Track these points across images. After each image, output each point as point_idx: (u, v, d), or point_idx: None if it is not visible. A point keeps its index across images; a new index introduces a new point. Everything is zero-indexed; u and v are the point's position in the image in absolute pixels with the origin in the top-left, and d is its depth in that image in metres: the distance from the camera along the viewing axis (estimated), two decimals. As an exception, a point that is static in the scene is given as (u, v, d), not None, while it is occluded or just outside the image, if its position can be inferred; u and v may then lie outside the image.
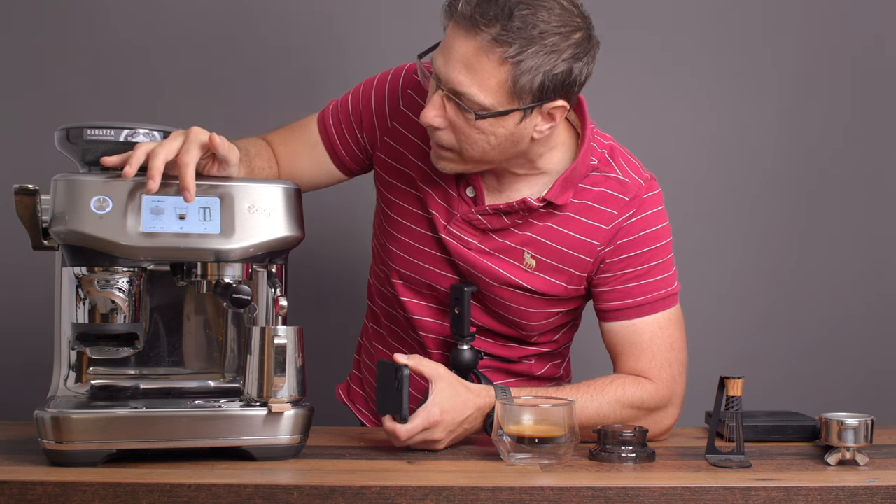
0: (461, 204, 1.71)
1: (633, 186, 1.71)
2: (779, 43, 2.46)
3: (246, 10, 2.41)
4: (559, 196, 1.68)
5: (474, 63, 1.52)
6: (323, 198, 2.29)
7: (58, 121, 1.57)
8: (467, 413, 1.58)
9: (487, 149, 1.60)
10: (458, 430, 1.58)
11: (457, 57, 1.53)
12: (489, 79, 1.52)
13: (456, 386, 1.58)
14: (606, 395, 1.65)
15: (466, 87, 1.53)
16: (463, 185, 1.71)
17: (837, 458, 1.50)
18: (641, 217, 1.71)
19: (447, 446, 1.59)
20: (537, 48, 1.51)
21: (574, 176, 1.68)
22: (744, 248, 2.46)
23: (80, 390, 1.56)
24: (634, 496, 1.34)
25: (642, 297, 1.71)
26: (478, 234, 1.72)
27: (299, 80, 2.40)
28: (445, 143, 1.61)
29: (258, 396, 1.47)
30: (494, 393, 1.60)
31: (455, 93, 1.54)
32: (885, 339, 2.47)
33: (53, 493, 1.31)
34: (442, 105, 1.57)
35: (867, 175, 2.48)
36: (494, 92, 1.53)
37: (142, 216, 1.45)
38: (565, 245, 1.70)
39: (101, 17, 2.39)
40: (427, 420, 1.54)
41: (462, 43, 1.52)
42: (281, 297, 1.52)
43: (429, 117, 1.58)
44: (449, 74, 1.54)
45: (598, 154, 1.72)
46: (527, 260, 1.71)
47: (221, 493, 1.32)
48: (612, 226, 1.69)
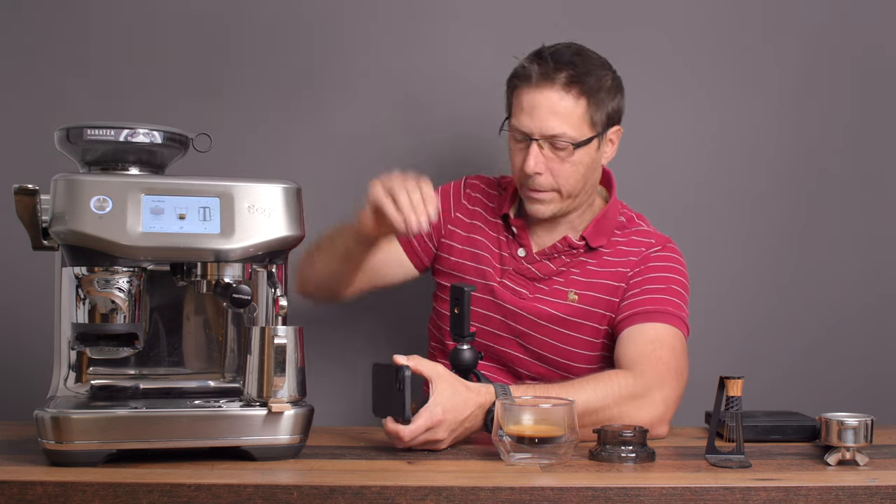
0: (513, 261, 1.96)
1: (659, 237, 1.99)
2: (779, 43, 2.46)
3: (246, 9, 2.40)
4: (594, 238, 1.95)
5: (558, 108, 1.85)
6: (323, 198, 2.29)
7: (58, 121, 1.57)
8: (468, 411, 1.59)
9: (578, 178, 1.89)
10: (460, 429, 1.59)
11: (543, 109, 1.85)
12: (573, 116, 1.85)
13: (456, 385, 1.59)
14: (586, 388, 1.68)
15: (559, 128, 1.84)
16: (515, 247, 1.97)
17: (837, 458, 1.51)
18: (666, 253, 1.95)
19: (449, 445, 1.59)
20: (596, 81, 1.87)
21: (605, 221, 1.96)
22: (744, 248, 2.46)
23: (79, 390, 1.56)
24: (634, 496, 1.34)
25: (653, 306, 1.85)
26: (529, 284, 1.95)
27: (299, 80, 2.40)
28: (546, 186, 1.89)
29: (258, 396, 1.48)
30: (494, 391, 1.61)
31: (549, 137, 1.85)
32: (885, 339, 2.47)
33: (53, 493, 1.31)
34: (539, 154, 1.86)
35: (867, 175, 2.48)
36: (579, 125, 1.86)
37: (142, 216, 1.45)
38: (603, 278, 1.93)
39: (101, 17, 2.39)
40: (430, 420, 1.55)
41: (544, 97, 1.85)
42: (281, 297, 1.52)
43: (530, 166, 1.86)
44: (541, 125, 1.85)
45: (626, 215, 2.01)
46: (570, 297, 1.93)
47: (221, 493, 1.32)
48: (641, 257, 1.94)
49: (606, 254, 1.95)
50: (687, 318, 1.90)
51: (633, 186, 2.33)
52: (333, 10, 2.42)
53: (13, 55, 2.37)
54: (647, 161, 2.45)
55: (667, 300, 1.87)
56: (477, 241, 1.99)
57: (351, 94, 2.41)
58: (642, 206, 2.06)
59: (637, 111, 2.44)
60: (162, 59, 2.39)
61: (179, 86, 2.39)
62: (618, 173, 2.05)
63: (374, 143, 2.40)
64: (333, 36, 2.41)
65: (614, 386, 1.70)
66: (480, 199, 2.04)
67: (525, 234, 1.97)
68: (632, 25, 2.44)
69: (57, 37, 2.37)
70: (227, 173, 1.54)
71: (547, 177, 1.88)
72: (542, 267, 1.95)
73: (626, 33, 2.43)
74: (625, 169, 2.43)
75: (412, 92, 2.40)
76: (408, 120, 2.41)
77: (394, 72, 2.41)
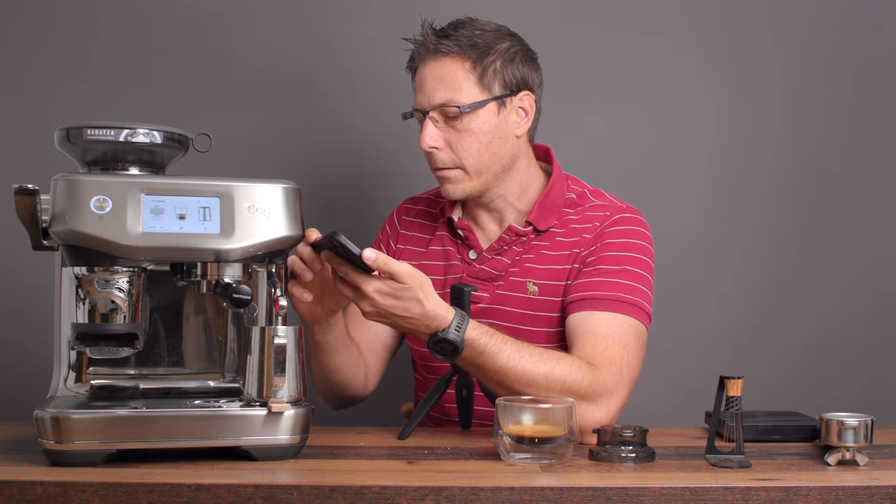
0: (465, 266, 1.89)
1: (615, 207, 1.87)
2: (780, 44, 2.46)
3: (246, 9, 2.41)
4: (541, 220, 1.85)
5: (442, 74, 1.79)
6: (323, 198, 2.30)
7: (58, 121, 1.57)
8: (410, 314, 1.56)
9: (481, 149, 1.80)
10: (392, 319, 1.57)
11: (430, 80, 1.80)
12: (457, 79, 1.78)
13: (424, 289, 1.55)
14: (547, 363, 1.62)
15: (444, 95, 1.78)
16: (465, 251, 1.90)
17: (837, 458, 1.51)
18: (623, 227, 1.83)
19: (368, 314, 1.58)
20: (484, 44, 1.79)
21: (549, 201, 1.87)
22: (744, 248, 2.46)
23: (79, 390, 1.56)
24: (634, 496, 1.34)
25: (606, 292, 1.75)
26: (486, 285, 1.87)
27: (299, 80, 2.40)
28: (448, 162, 1.81)
29: (258, 396, 1.47)
30: (450, 320, 1.57)
31: (438, 106, 1.78)
32: (885, 339, 2.47)
33: (53, 493, 1.31)
34: (433, 128, 1.80)
35: (868, 176, 2.48)
36: (467, 90, 1.78)
37: (142, 216, 1.45)
38: (557, 262, 1.83)
39: (101, 18, 2.39)
40: (406, 279, 1.53)
41: (428, 68, 1.81)
42: (281, 297, 1.52)
43: (425, 141, 1.80)
44: (429, 97, 1.79)
45: (576, 191, 1.90)
46: (529, 288, 1.84)
47: (221, 493, 1.32)
48: (596, 233, 1.83)
49: (559, 234, 1.85)
50: (646, 304, 1.77)
51: (633, 186, 2.33)
52: (334, 10, 2.42)
53: (13, 55, 2.37)
54: (648, 161, 2.45)
55: (620, 284, 1.76)
56: (424, 265, 1.85)
57: (351, 94, 2.41)
58: (642, 206, 2.06)
59: (638, 111, 2.45)
60: (162, 59, 2.39)
61: (179, 86, 2.39)
62: (618, 173, 2.06)
63: (375, 143, 2.40)
64: (334, 36, 2.41)
65: (569, 377, 1.62)
66: (415, 221, 1.99)
67: (472, 235, 1.90)
68: (632, 26, 2.44)
69: (57, 37, 2.38)
70: (227, 173, 1.55)
71: (446, 152, 1.80)
72: (495, 264, 1.87)
73: (627, 33, 2.43)
74: (625, 169, 2.44)
75: (413, 92, 2.40)
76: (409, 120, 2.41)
77: (394, 72, 2.41)
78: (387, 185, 2.41)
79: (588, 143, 2.42)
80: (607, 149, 2.43)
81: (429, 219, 1.99)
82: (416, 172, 2.25)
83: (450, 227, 1.94)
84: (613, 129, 2.45)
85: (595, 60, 2.44)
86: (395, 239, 2.00)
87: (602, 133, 2.43)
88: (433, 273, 1.86)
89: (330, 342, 1.79)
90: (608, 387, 1.66)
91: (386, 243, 2.01)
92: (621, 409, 1.69)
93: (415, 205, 2.03)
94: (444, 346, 1.57)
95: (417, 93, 1.84)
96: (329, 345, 1.79)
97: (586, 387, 1.63)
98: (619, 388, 1.67)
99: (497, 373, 1.61)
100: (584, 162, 1.95)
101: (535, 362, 1.61)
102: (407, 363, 2.07)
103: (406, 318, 1.56)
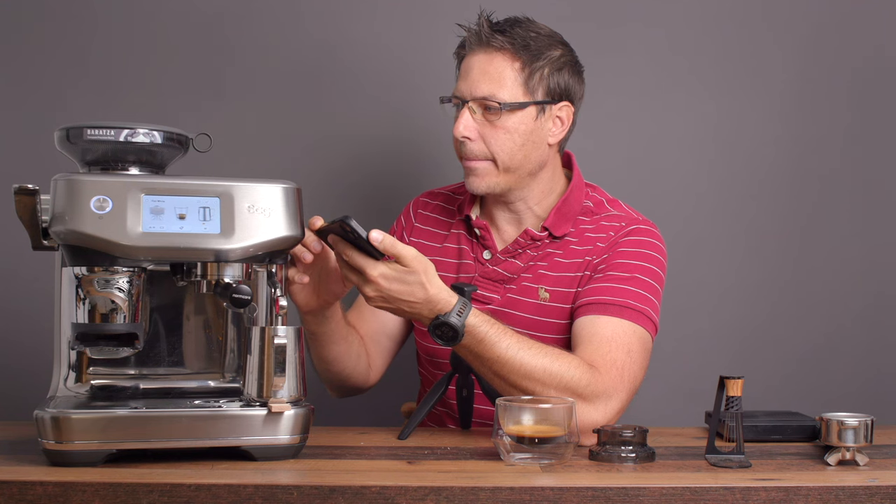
0: (478, 266, 1.89)
1: (631, 219, 1.88)
2: (780, 43, 2.46)
3: (246, 9, 2.41)
4: (557, 226, 1.86)
5: (489, 69, 1.79)
6: (323, 198, 2.30)
7: (58, 121, 1.57)
8: (414, 298, 1.57)
9: (514, 147, 1.80)
10: (395, 304, 1.58)
11: (476, 71, 1.80)
12: (504, 77, 1.78)
13: (426, 274, 1.57)
14: (546, 358, 1.62)
15: (488, 89, 1.78)
16: (480, 250, 1.90)
17: (837, 458, 1.51)
18: (637, 237, 1.84)
19: (371, 300, 1.58)
20: (537, 48, 1.80)
21: (566, 208, 1.87)
22: (744, 247, 2.46)
23: (79, 390, 1.56)
24: (634, 496, 1.34)
25: (614, 298, 1.76)
26: (498, 287, 1.87)
27: (299, 80, 2.40)
28: (479, 154, 1.81)
29: (258, 396, 1.48)
30: (453, 305, 1.58)
31: (480, 98, 1.78)
32: (885, 339, 2.47)
33: (53, 493, 1.31)
34: (470, 118, 1.80)
35: (868, 176, 2.48)
36: (511, 88, 1.79)
37: (142, 216, 1.45)
38: (569, 270, 1.84)
39: (101, 17, 2.39)
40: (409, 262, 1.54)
41: (477, 59, 1.80)
42: (281, 297, 1.52)
43: (459, 130, 1.80)
44: (472, 87, 1.79)
45: (594, 199, 1.91)
46: (541, 294, 1.84)
47: (221, 493, 1.32)
48: (609, 242, 1.84)
49: (573, 242, 1.86)
50: (654, 313, 1.78)
51: (633, 186, 2.33)
52: (334, 10, 2.42)
53: (13, 55, 2.37)
54: (648, 161, 2.45)
55: (629, 291, 1.76)
56: (437, 261, 1.85)
57: (351, 94, 2.41)
58: (642, 206, 2.06)
59: (638, 111, 2.45)
60: (162, 59, 2.39)
61: (179, 86, 2.39)
62: (619, 173, 2.06)
63: (375, 143, 2.40)
64: (334, 36, 2.41)
65: (567, 374, 1.62)
66: (431, 216, 1.99)
67: (489, 235, 1.90)
68: (632, 26, 2.44)
69: (57, 37, 2.38)
70: (227, 173, 1.55)
71: (479, 144, 1.81)
72: (508, 266, 1.87)
73: (627, 33, 2.43)
74: (626, 169, 2.44)
75: (412, 92, 2.40)
76: (409, 120, 2.41)
77: (395, 72, 2.41)
78: (387, 185, 2.41)
79: (588, 142, 2.41)
80: (607, 149, 2.43)
81: (445, 214, 1.99)
82: (416, 172, 2.25)
83: (467, 225, 1.94)
84: (613, 128, 2.45)
85: (595, 60, 2.43)
86: (409, 231, 2.00)
87: (602, 133, 2.43)
88: (445, 270, 1.89)
89: (326, 333, 1.80)
90: (606, 389, 1.65)
91: (399, 234, 2.00)
92: (619, 412, 1.68)
93: (432, 199, 2.02)
94: (445, 331, 1.58)
95: (460, 80, 1.83)
96: (325, 336, 1.80)
97: (584, 386, 1.63)
98: (617, 392, 1.66)
99: (495, 362, 1.61)
100: (583, 162, 1.95)
101: (533, 355, 1.61)
102: (407, 363, 2.07)
103: (410, 302, 1.57)
